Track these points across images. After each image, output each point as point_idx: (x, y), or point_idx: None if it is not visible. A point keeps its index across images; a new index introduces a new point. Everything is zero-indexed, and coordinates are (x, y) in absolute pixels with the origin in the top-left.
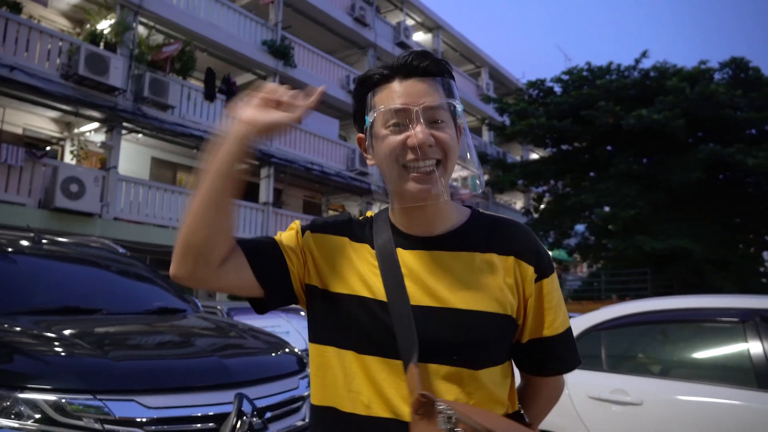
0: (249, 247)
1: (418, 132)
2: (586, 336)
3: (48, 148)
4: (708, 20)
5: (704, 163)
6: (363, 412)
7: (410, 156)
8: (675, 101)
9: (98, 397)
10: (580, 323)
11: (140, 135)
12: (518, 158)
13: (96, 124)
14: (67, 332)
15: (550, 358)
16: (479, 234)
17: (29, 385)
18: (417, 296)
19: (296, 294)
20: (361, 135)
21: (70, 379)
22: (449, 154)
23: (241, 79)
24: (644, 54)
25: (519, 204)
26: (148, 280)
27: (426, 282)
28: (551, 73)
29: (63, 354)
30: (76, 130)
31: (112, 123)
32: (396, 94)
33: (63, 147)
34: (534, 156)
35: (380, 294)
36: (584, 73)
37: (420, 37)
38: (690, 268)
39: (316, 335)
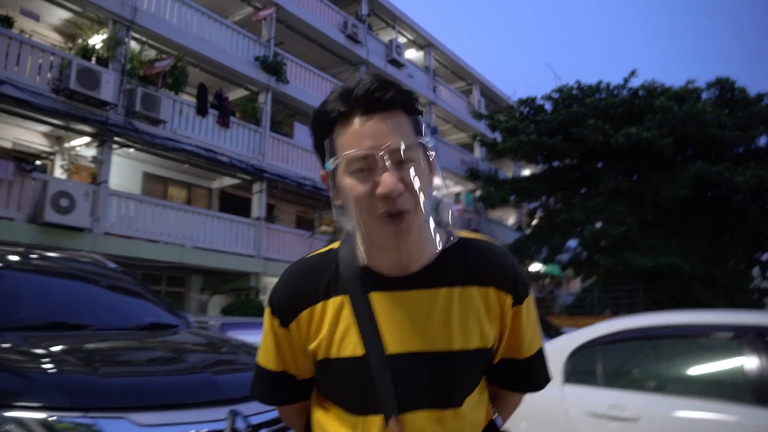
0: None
1: (386, 180)
2: (582, 351)
3: (38, 162)
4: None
5: (692, 181)
6: None
7: (382, 208)
8: (663, 120)
9: (88, 414)
10: (575, 338)
11: (131, 149)
12: (510, 174)
13: (87, 139)
14: (55, 349)
15: (523, 377)
16: (456, 265)
17: (16, 403)
18: (395, 344)
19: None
20: (323, 173)
21: (59, 396)
22: (420, 199)
23: (233, 94)
24: (633, 73)
25: (511, 220)
26: (139, 295)
27: (404, 327)
28: (542, 91)
29: (51, 371)
30: (66, 145)
31: (103, 137)
32: (358, 136)
33: (53, 161)
34: (525, 172)
35: (359, 350)
36: (574, 92)
37: (412, 55)
38: (678, 285)
39: (313, 401)
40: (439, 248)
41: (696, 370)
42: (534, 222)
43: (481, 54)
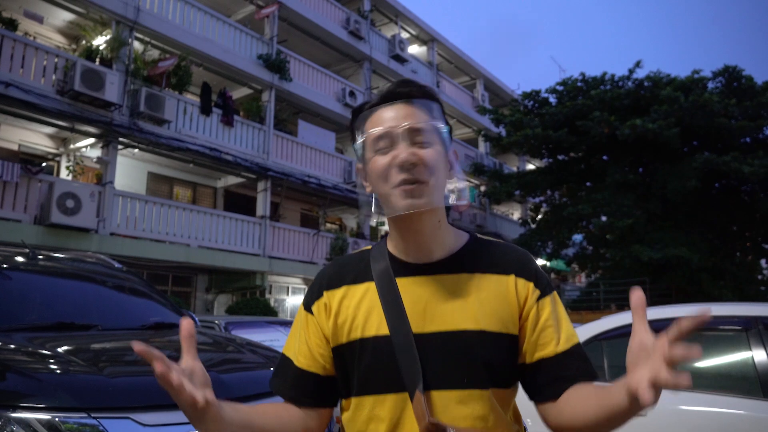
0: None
1: (401, 151)
2: (587, 346)
3: (44, 164)
4: (700, 30)
5: (699, 172)
6: None
7: (398, 176)
8: (669, 110)
9: (92, 415)
10: (581, 333)
11: (136, 150)
12: (515, 169)
13: (92, 140)
14: (61, 349)
15: (560, 377)
16: (478, 256)
17: (22, 404)
18: (420, 323)
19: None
20: (358, 166)
21: (64, 397)
22: (434, 172)
23: (237, 93)
24: (638, 64)
25: (516, 215)
26: (144, 295)
27: (428, 308)
28: (546, 85)
29: (57, 371)
30: (72, 146)
31: (108, 138)
32: (381, 119)
33: (59, 163)
34: (530, 166)
35: (383, 329)
36: (579, 84)
37: (415, 50)
38: (687, 277)
39: (341, 392)
40: (461, 242)
41: (703, 363)
42: (539, 216)
43: (484, 48)
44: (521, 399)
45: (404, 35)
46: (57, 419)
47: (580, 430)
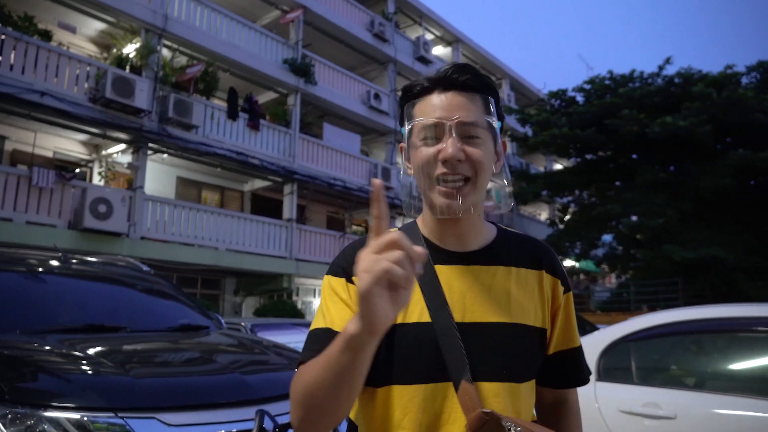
0: None
1: (448, 146)
2: (614, 348)
3: (77, 170)
4: (731, 25)
5: (734, 169)
6: None
7: (440, 170)
8: (701, 107)
9: (119, 415)
10: (608, 335)
11: (165, 155)
12: (542, 169)
13: (123, 146)
14: (91, 351)
15: (576, 370)
16: (509, 249)
17: (53, 404)
18: (461, 313)
19: None
20: (402, 144)
21: (92, 397)
22: (479, 172)
23: (263, 97)
24: (668, 60)
25: (544, 215)
26: (172, 298)
27: (468, 298)
28: (573, 83)
29: (86, 372)
30: (103, 152)
31: (138, 144)
32: (432, 107)
33: (91, 169)
34: (557, 166)
35: (424, 315)
36: (606, 82)
37: (439, 51)
38: (722, 278)
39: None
40: (492, 234)
41: (736, 366)
42: (567, 217)
43: (510, 47)
44: None
45: (429, 36)
46: (86, 419)
47: None
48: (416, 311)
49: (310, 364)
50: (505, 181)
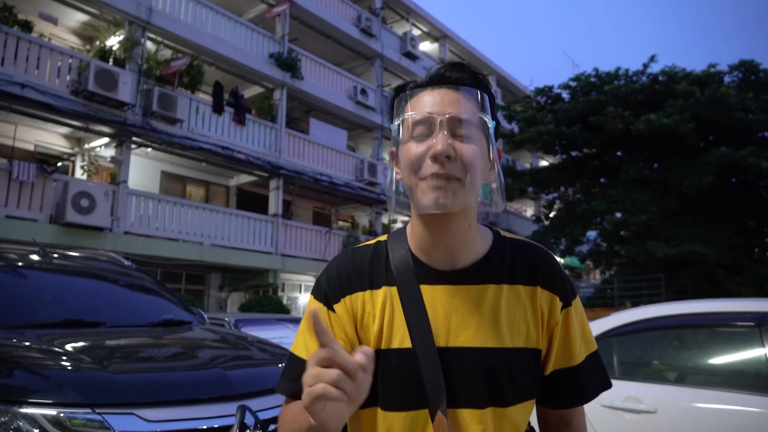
0: None
1: (438, 141)
2: (597, 343)
3: (59, 163)
4: (715, 24)
5: (716, 167)
6: None
7: (429, 167)
8: (685, 105)
9: (97, 410)
10: None
11: (149, 149)
12: (527, 165)
13: (106, 139)
14: (69, 346)
15: (577, 388)
16: (503, 263)
17: (29, 400)
18: (444, 337)
19: None
20: (392, 149)
21: (70, 393)
22: (470, 171)
23: (248, 92)
24: (652, 58)
25: (529, 211)
26: (154, 293)
27: (453, 321)
28: (559, 80)
29: (64, 368)
30: (86, 146)
31: (122, 138)
32: (424, 103)
33: (74, 162)
34: (543, 163)
35: (405, 341)
36: (592, 79)
37: (426, 47)
38: (704, 274)
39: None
40: (486, 245)
41: (715, 360)
42: (552, 213)
43: (497, 44)
44: None
45: (416, 32)
46: (62, 414)
47: None
48: (398, 336)
49: (290, 409)
50: (499, 185)
